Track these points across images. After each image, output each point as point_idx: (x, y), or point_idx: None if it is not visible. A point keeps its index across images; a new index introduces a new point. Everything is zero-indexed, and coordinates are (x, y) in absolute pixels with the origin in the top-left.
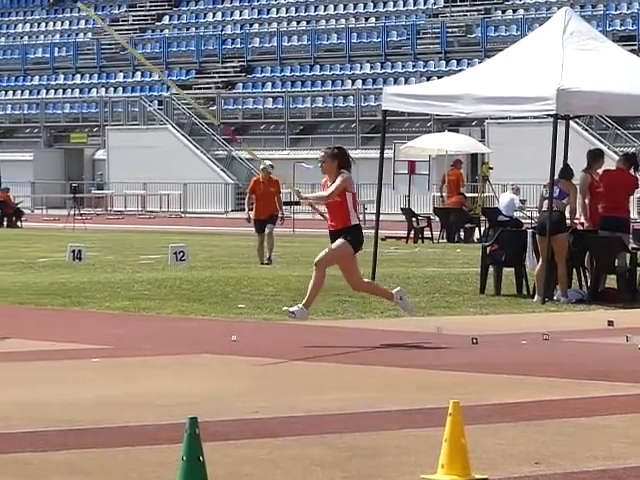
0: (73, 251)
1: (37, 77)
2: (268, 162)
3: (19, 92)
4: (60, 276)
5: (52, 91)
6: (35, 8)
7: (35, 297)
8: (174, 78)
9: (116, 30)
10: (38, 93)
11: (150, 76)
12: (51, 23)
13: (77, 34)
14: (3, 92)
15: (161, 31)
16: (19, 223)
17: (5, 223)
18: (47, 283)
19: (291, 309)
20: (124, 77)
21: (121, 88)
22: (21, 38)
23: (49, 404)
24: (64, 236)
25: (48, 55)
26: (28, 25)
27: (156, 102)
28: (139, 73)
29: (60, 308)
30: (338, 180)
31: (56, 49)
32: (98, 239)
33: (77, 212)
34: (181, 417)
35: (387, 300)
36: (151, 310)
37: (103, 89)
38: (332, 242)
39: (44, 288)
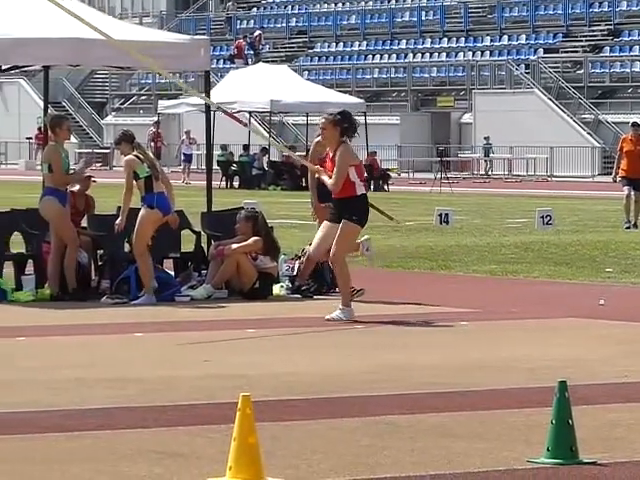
0: (440, 215)
1: (404, 41)
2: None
3: (386, 56)
4: (427, 239)
5: (419, 55)
6: None
7: (402, 260)
8: (541, 42)
9: None
10: (405, 57)
11: (517, 40)
12: None
13: None
14: (370, 56)
15: None
16: (386, 186)
17: (372, 186)
18: (414, 247)
19: (328, 317)
20: (491, 41)
21: (488, 52)
22: (388, 2)
23: (418, 367)
24: (430, 199)
25: (415, 19)
26: None
27: (523, 66)
28: (506, 37)
29: (427, 271)
30: (338, 161)
31: (423, 13)
32: (464, 203)
33: (444, 176)
34: (549, 381)
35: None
36: (518, 274)
37: (470, 53)
38: (336, 211)
39: (411, 251)
